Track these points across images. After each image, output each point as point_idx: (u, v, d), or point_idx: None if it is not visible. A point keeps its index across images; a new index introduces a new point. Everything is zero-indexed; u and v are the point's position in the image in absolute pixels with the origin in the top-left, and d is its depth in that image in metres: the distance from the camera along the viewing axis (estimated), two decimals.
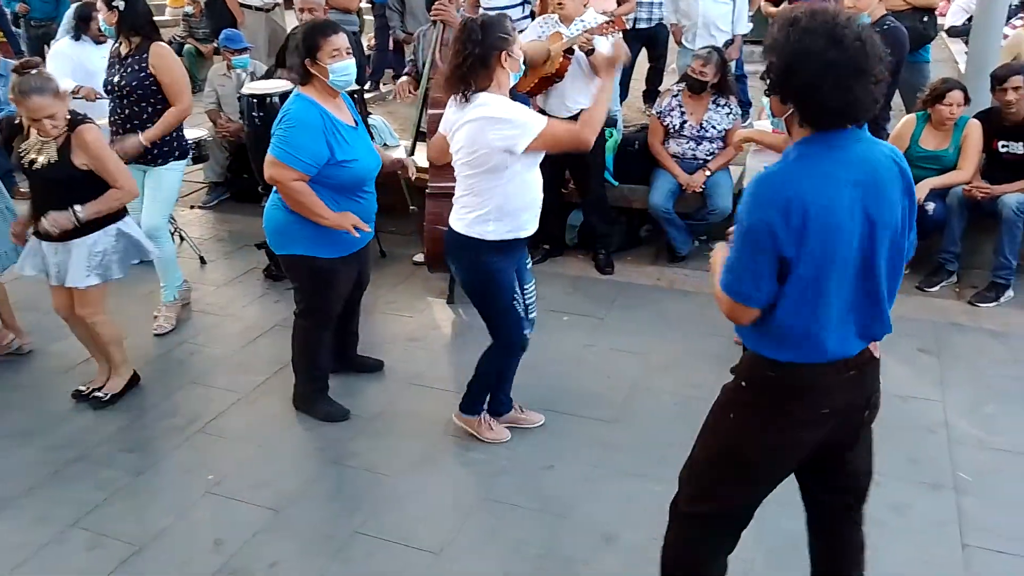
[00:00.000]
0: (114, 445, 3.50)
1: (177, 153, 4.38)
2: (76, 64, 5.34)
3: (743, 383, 2.10)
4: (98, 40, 5.36)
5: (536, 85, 4.65)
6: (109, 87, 4.25)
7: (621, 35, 4.35)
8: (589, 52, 4.42)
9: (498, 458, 3.35)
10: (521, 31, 5.83)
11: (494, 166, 2.95)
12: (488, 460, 3.35)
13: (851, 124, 1.91)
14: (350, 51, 3.24)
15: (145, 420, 3.67)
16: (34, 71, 3.38)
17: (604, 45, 4.24)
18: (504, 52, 2.94)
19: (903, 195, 1.96)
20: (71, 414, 3.72)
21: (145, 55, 4.15)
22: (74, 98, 5.34)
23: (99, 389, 3.81)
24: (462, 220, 3.11)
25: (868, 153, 1.93)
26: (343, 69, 3.21)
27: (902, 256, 2.00)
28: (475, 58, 2.90)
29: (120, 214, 3.65)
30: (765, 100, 3.12)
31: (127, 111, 4.22)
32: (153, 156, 4.29)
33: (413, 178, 3.86)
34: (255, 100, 4.59)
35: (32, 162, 3.46)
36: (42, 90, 3.33)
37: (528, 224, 3.15)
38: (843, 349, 1.99)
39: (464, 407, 3.44)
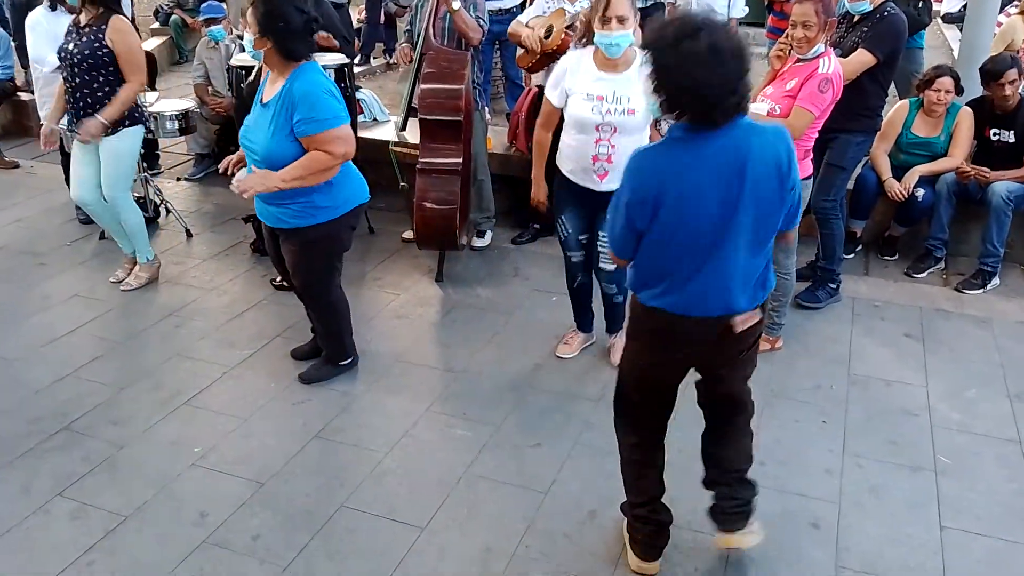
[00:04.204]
0: (98, 417, 3.49)
1: (127, 122, 4.33)
2: (51, 34, 5.26)
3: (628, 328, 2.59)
4: (72, 11, 5.28)
5: (538, 61, 4.63)
6: (63, 54, 4.24)
7: None
8: None
9: (482, 435, 3.36)
10: (511, 9, 5.84)
11: None
12: (473, 437, 3.36)
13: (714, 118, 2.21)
14: (252, 28, 3.24)
15: (130, 393, 3.66)
16: None
17: None
18: None
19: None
20: (54, 386, 3.70)
21: (104, 26, 4.15)
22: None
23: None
24: None
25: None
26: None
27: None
28: None
29: None
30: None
31: (77, 80, 4.21)
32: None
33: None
34: (244, 71, 4.54)
35: None
36: None
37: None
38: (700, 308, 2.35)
39: None
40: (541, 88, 4.83)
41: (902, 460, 3.24)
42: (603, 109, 3.32)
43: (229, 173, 3.59)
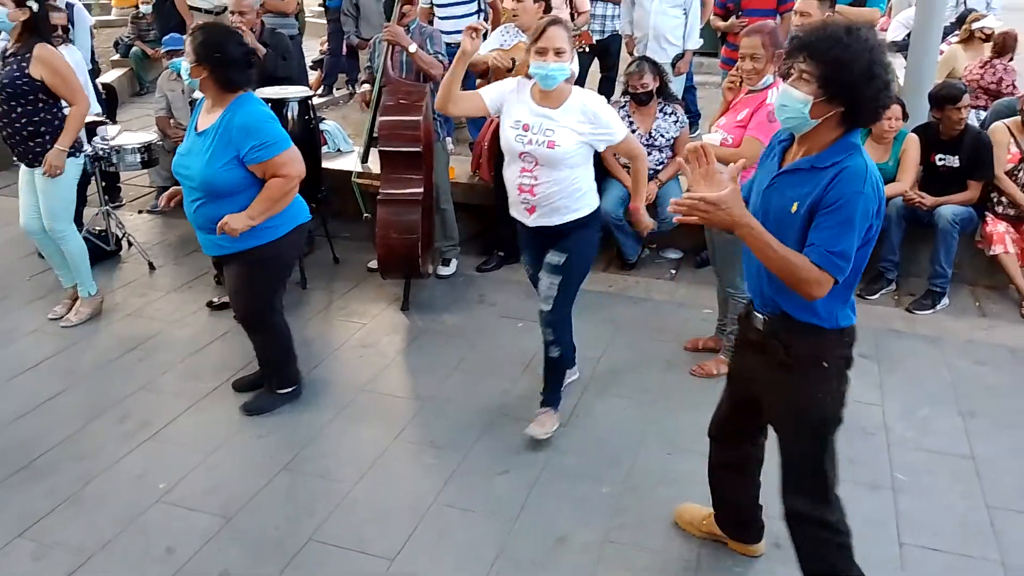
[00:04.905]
0: (62, 453, 3.45)
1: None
2: None
3: (825, 363, 2.41)
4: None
5: None
6: None
7: (587, 49, 4.39)
8: None
9: (451, 463, 3.38)
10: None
11: None
12: (440, 465, 3.38)
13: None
14: (189, 56, 3.33)
15: (94, 427, 3.62)
16: None
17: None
18: None
19: None
20: (18, 422, 3.65)
21: (28, 55, 4.08)
22: None
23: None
24: None
25: None
26: None
27: None
28: None
29: None
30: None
31: (2, 108, 4.15)
32: (35, 155, 4.22)
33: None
34: None
35: None
36: None
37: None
38: None
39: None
40: None
41: (861, 478, 3.32)
42: (525, 139, 3.28)
43: (171, 206, 3.62)
